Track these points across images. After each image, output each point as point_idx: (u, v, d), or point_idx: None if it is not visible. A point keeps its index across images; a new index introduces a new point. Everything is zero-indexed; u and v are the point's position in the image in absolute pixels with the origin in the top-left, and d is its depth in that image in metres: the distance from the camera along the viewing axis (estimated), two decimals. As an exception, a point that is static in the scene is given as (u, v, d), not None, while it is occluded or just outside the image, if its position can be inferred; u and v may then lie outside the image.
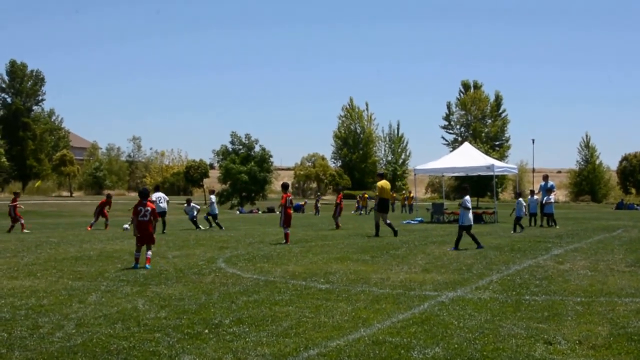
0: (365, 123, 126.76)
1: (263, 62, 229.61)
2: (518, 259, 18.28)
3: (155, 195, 30.76)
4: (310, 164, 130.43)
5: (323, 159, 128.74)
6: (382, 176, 28.73)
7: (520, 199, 31.15)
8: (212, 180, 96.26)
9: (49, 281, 14.24)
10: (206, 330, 9.31)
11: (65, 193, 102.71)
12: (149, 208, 16.82)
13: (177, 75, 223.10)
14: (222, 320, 9.99)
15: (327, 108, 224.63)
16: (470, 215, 21.27)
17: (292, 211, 24.55)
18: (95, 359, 7.90)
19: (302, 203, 73.86)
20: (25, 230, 31.71)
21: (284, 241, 23.67)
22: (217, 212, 33.73)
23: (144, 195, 17.07)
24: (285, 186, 25.21)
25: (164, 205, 31.06)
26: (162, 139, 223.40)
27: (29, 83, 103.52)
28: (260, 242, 23.92)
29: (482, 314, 10.37)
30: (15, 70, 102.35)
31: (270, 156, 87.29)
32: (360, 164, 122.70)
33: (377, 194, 27.59)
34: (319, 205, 65.95)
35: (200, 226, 33.38)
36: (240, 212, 72.22)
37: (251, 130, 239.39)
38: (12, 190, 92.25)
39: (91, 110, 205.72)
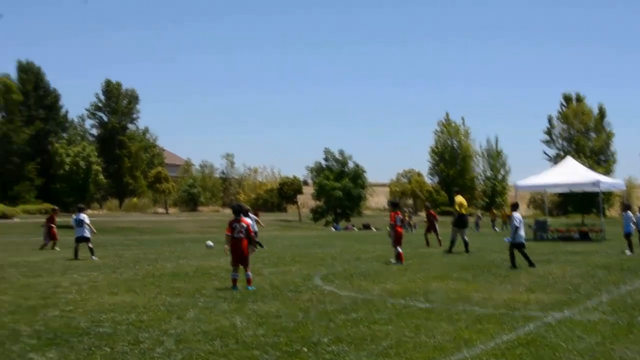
0: (462, 138, 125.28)
1: (357, 78, 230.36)
2: (629, 278, 17.75)
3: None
4: (405, 180, 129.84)
5: (419, 175, 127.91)
6: (459, 192, 28.46)
7: (629, 212, 29.27)
8: (306, 197, 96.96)
9: (147, 297, 14.61)
10: (305, 349, 9.36)
11: (160, 210, 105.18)
12: (244, 224, 16.20)
13: (270, 91, 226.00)
14: (320, 338, 10.02)
15: (422, 123, 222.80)
16: (522, 232, 20.87)
17: (402, 230, 24.11)
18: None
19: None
20: (56, 248, 32.00)
21: (394, 261, 22.90)
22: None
23: (238, 211, 16.62)
24: (394, 204, 24.88)
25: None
26: (255, 156, 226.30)
27: (124, 102, 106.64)
28: (357, 259, 23.94)
29: (592, 336, 10.09)
30: (111, 90, 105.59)
31: (364, 172, 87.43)
32: (458, 180, 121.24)
33: (457, 209, 27.27)
34: (411, 221, 65.52)
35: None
36: (336, 229, 72.44)
37: (345, 146, 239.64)
38: (110, 207, 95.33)
39: (184, 128, 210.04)
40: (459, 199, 27.56)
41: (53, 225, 33.07)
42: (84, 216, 25.99)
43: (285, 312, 12.45)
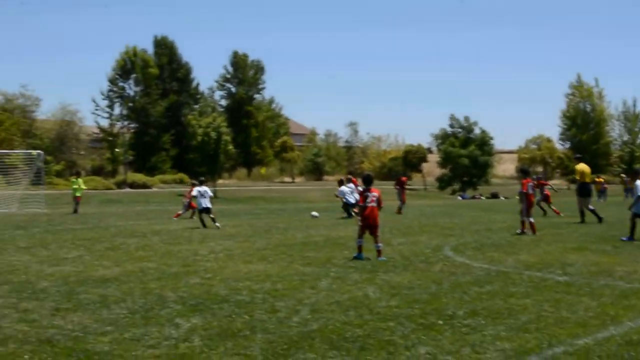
0: (596, 100, 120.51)
1: (480, 41, 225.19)
2: None
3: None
4: (535, 146, 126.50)
5: (549, 141, 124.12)
6: (580, 159, 27.43)
7: None
8: (431, 165, 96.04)
9: (280, 266, 14.91)
10: (440, 321, 9.33)
11: (287, 179, 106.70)
12: (375, 194, 16.36)
13: (394, 61, 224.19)
14: (455, 311, 9.96)
15: (552, 86, 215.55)
16: None
17: (534, 198, 23.35)
18: (333, 345, 8.16)
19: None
20: (193, 218, 32.33)
21: (520, 231, 22.14)
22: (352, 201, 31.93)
23: (369, 181, 16.75)
24: (524, 171, 24.09)
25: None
26: (379, 124, 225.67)
27: (251, 72, 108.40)
28: (487, 229, 23.59)
29: None
30: (238, 61, 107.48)
31: (491, 139, 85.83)
32: (591, 146, 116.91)
33: (578, 178, 26.32)
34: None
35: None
36: (463, 198, 71.63)
37: (471, 112, 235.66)
38: (239, 176, 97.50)
39: (309, 97, 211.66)
40: (581, 166, 26.66)
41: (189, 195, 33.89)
42: (205, 188, 26.80)
43: (417, 284, 12.45)
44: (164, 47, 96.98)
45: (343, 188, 32.86)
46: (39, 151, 45.70)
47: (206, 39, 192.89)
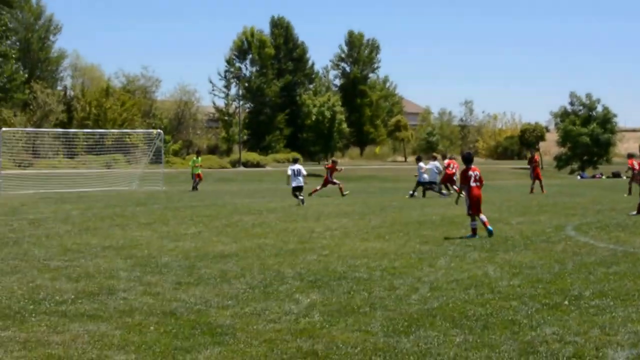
0: None
1: (605, 12, 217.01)
2: None
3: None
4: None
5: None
6: None
7: None
8: (549, 144, 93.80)
9: (397, 244, 14.80)
10: (566, 302, 9.04)
11: (399, 158, 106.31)
12: (477, 172, 16.36)
13: (508, 36, 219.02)
14: (581, 292, 9.64)
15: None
16: None
17: None
18: (454, 324, 8.01)
19: None
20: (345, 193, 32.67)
21: (635, 212, 21.04)
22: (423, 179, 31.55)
23: (469, 160, 16.69)
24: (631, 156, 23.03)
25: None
26: (494, 102, 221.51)
27: (366, 52, 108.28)
28: (611, 209, 22.74)
29: None
30: (353, 40, 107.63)
31: (614, 116, 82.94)
32: None
33: None
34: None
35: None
36: (582, 177, 69.65)
37: (592, 89, 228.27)
38: (351, 155, 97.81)
39: (423, 76, 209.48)
40: None
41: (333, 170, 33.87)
42: (300, 167, 27.21)
43: (540, 263, 12.13)
44: (280, 27, 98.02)
45: (421, 164, 32.19)
46: (158, 130, 46.95)
47: (321, 18, 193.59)
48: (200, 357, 6.80)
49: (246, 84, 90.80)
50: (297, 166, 27.23)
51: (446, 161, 31.63)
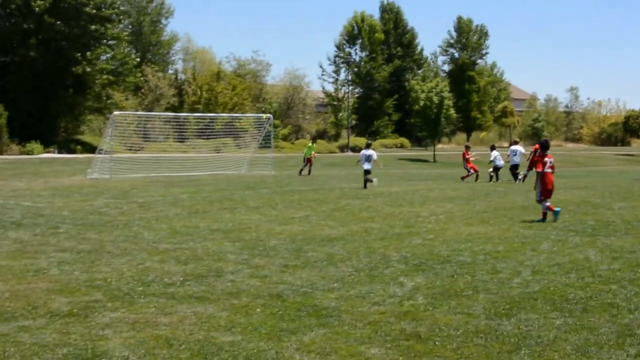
0: None
1: None
2: None
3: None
4: None
5: None
6: None
7: None
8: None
9: (501, 229, 14.78)
10: (666, 287, 8.95)
11: (505, 144, 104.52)
12: (551, 159, 16.52)
13: (614, 22, 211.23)
14: (685, 277, 9.49)
15: None
16: None
17: None
18: (555, 307, 8.06)
19: None
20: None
21: None
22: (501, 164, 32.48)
23: (546, 147, 16.83)
24: None
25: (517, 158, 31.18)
26: (600, 88, 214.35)
27: (474, 37, 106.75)
28: None
29: None
30: (462, 26, 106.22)
31: None
32: None
33: None
34: None
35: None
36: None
37: None
38: (458, 141, 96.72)
39: (530, 61, 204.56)
40: None
41: (468, 159, 34.07)
42: (371, 152, 27.95)
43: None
44: (390, 12, 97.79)
45: (494, 152, 33.42)
46: (268, 115, 47.06)
47: (431, 3, 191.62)
48: (305, 338, 7.02)
49: (355, 69, 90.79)
50: (369, 151, 27.99)
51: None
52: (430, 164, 62.41)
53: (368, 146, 28.71)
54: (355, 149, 73.77)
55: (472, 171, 33.41)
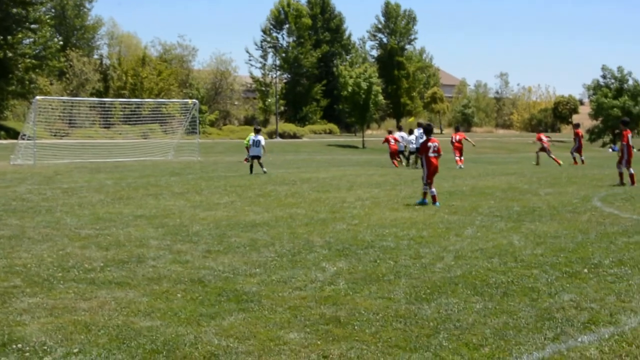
0: None
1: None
2: None
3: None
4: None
5: None
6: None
7: None
8: (582, 117, 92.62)
9: (426, 214, 14.88)
10: (585, 270, 9.13)
11: (435, 130, 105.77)
12: (436, 144, 17.11)
13: (544, 11, 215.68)
14: (601, 260, 9.73)
15: None
16: None
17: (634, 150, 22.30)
18: (476, 291, 8.12)
19: None
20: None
21: (619, 182, 21.65)
22: None
23: (429, 131, 17.59)
24: (625, 122, 22.88)
25: None
26: (529, 75, 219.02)
27: (403, 23, 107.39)
28: (638, 181, 22.53)
29: None
30: (390, 11, 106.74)
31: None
32: None
33: None
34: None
35: None
36: (613, 150, 68.76)
37: (625, 62, 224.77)
38: (387, 127, 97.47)
39: (460, 47, 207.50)
40: None
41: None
42: (260, 137, 28.59)
43: (564, 233, 12.19)
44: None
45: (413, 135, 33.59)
46: (194, 100, 46.78)
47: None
48: (224, 323, 6.96)
49: (283, 54, 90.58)
50: (258, 137, 28.61)
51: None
52: (359, 150, 62.78)
53: (257, 132, 29.21)
54: (284, 135, 73.79)
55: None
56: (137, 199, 18.05)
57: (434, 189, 16.75)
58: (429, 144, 17.06)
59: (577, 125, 37.51)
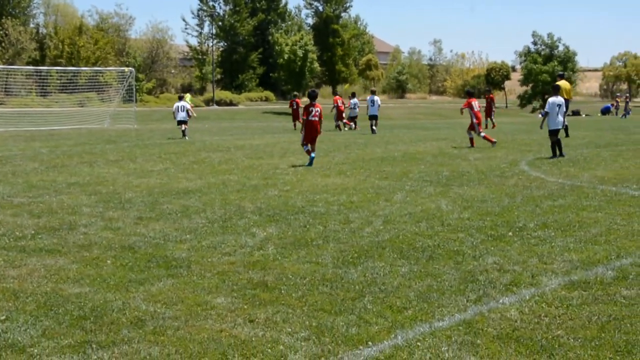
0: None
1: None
2: None
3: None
4: (620, 63, 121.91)
5: (636, 57, 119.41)
6: (562, 77, 27.61)
7: None
8: (513, 83, 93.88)
9: (357, 180, 14.89)
10: (510, 233, 9.22)
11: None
12: (318, 109, 18.19)
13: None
14: (526, 223, 9.82)
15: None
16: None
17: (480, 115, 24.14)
18: (402, 255, 8.14)
19: (612, 104, 69.58)
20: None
21: (470, 145, 23.05)
22: None
23: (313, 97, 18.50)
24: (469, 93, 25.20)
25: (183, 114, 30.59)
26: (463, 42, 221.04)
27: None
28: (566, 145, 22.77)
29: None
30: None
31: (575, 55, 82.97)
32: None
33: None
34: (629, 107, 61.37)
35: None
36: (542, 116, 69.93)
37: (556, 29, 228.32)
38: (323, 94, 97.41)
39: (394, 14, 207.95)
40: (559, 84, 26.33)
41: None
42: (184, 103, 30.26)
43: (491, 197, 12.29)
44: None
45: (353, 100, 37.27)
46: (130, 68, 46.22)
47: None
48: (153, 289, 6.86)
49: (220, 23, 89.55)
50: (182, 103, 30.29)
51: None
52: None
53: (181, 98, 30.87)
54: (221, 103, 73.16)
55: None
56: (71, 166, 17.74)
57: (314, 153, 18.00)
58: (311, 108, 18.17)
59: (488, 91, 40.54)
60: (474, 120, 23.09)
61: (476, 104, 23.43)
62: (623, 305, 6.25)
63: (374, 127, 31.83)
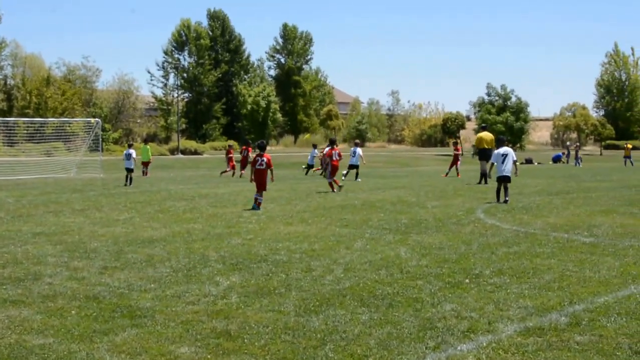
0: (631, 69, 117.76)
1: (518, 7, 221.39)
2: None
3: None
4: (570, 113, 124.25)
5: (584, 108, 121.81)
6: (484, 128, 29.64)
7: None
8: (469, 132, 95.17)
9: (319, 227, 14.88)
10: (467, 280, 9.26)
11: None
12: (265, 159, 19.34)
13: (432, 30, 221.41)
14: (482, 270, 9.88)
15: (588, 56, 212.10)
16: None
17: (338, 163, 25.69)
18: (362, 302, 8.12)
19: (563, 153, 70.74)
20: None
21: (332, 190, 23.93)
22: None
23: (262, 147, 19.88)
24: (332, 141, 26.85)
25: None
26: (420, 93, 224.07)
27: (300, 44, 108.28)
28: (519, 193, 23.19)
29: None
30: (288, 33, 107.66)
31: (527, 106, 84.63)
32: (624, 113, 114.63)
33: (476, 144, 27.86)
34: (579, 155, 62.37)
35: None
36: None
37: (508, 81, 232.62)
38: (286, 143, 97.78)
39: (353, 67, 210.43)
40: (481, 135, 29.01)
41: (231, 157, 38.41)
42: (132, 151, 31.56)
43: (448, 244, 12.36)
44: (217, 19, 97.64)
45: (314, 151, 40.85)
46: (97, 119, 46.12)
47: (257, 10, 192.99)
48: (117, 339, 6.75)
49: (184, 74, 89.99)
50: (130, 150, 31.97)
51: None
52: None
53: (130, 146, 32.82)
54: (186, 152, 72.99)
55: (229, 169, 38.06)
56: (37, 216, 17.46)
57: (261, 198, 19.20)
58: (258, 158, 19.46)
59: (455, 143, 42.45)
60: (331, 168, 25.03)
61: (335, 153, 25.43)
62: (577, 351, 6.29)
63: (358, 178, 33.30)
